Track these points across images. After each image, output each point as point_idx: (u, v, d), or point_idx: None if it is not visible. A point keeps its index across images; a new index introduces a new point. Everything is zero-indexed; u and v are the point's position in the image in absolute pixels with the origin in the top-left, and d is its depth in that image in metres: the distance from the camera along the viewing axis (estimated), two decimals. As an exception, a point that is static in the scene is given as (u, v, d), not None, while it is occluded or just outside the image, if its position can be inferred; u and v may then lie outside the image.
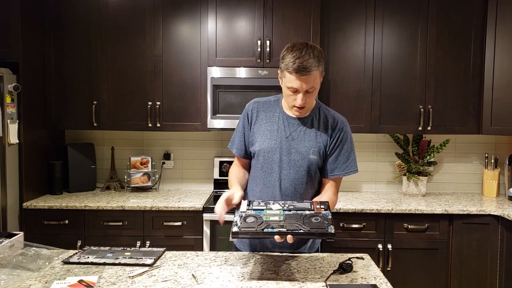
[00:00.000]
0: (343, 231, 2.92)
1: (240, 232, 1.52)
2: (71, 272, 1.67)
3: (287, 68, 1.70)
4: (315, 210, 1.62)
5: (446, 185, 3.55)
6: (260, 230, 1.51)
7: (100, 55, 3.16)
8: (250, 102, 1.97)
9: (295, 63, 1.67)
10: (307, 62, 1.67)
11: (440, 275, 2.95)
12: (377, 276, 1.67)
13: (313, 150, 1.83)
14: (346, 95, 3.19)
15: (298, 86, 1.71)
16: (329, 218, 1.57)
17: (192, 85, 3.17)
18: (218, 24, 3.07)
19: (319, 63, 1.71)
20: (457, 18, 3.15)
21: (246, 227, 1.53)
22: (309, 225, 1.53)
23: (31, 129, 3.01)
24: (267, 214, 1.60)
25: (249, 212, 1.62)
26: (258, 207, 1.65)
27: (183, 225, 2.93)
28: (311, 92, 1.74)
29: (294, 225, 1.53)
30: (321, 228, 1.52)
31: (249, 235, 1.53)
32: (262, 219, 1.57)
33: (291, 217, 1.58)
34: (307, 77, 1.68)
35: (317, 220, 1.56)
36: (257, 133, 1.89)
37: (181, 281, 1.60)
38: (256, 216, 1.59)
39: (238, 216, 1.60)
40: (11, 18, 2.87)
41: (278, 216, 1.59)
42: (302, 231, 1.51)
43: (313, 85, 1.72)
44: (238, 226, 1.54)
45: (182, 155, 3.56)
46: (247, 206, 1.66)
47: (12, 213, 2.86)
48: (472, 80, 3.17)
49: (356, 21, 3.16)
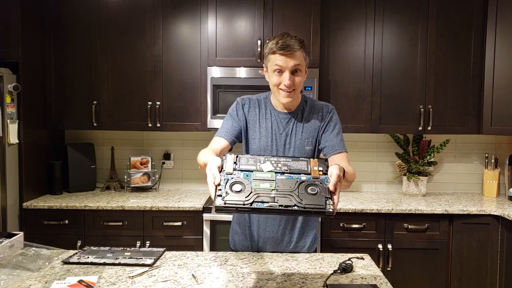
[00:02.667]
0: (343, 231, 2.92)
1: (225, 207, 1.27)
2: (71, 272, 1.67)
3: (271, 50, 1.74)
4: (312, 174, 1.38)
5: (446, 185, 3.55)
6: (248, 204, 1.28)
7: (100, 55, 3.16)
8: (240, 97, 1.93)
9: (278, 43, 1.72)
10: (289, 41, 1.72)
11: (440, 275, 2.95)
12: (377, 276, 1.66)
13: (307, 141, 1.86)
14: (346, 95, 3.19)
15: (282, 63, 1.72)
16: (327, 189, 1.33)
17: (192, 85, 3.17)
18: (218, 24, 3.07)
19: (302, 46, 1.75)
20: (457, 18, 3.15)
21: (232, 200, 1.28)
22: (304, 198, 1.30)
23: (31, 129, 3.01)
24: (257, 179, 1.35)
25: (236, 174, 1.36)
26: (246, 166, 1.39)
27: (183, 225, 2.93)
28: (297, 75, 1.75)
29: (287, 198, 1.30)
30: (319, 204, 1.29)
31: (235, 209, 1.29)
32: (250, 186, 1.32)
33: (284, 184, 1.34)
34: (291, 53, 1.71)
35: (313, 191, 1.32)
36: (252, 130, 1.89)
37: (181, 281, 1.60)
38: (244, 182, 1.33)
39: (223, 180, 1.34)
40: (11, 18, 2.87)
41: (270, 182, 1.34)
42: (296, 208, 1.28)
43: (298, 63, 1.74)
44: (223, 197, 1.29)
45: (182, 155, 3.56)
46: (233, 163, 1.40)
47: (12, 213, 2.86)
48: (472, 80, 3.17)
49: (356, 21, 3.16)
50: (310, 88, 3.02)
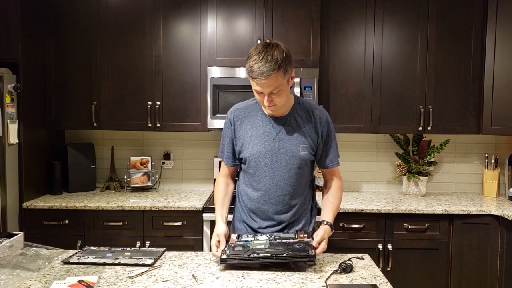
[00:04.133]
0: (343, 231, 2.92)
1: (228, 258, 1.70)
2: (71, 272, 1.67)
3: (248, 73, 1.75)
4: (298, 239, 1.79)
5: (446, 185, 3.55)
6: (246, 256, 1.68)
7: (100, 55, 3.16)
8: (230, 109, 1.98)
9: (253, 69, 1.70)
10: (264, 66, 1.69)
11: (440, 275, 2.95)
12: (377, 276, 1.66)
13: (302, 146, 1.87)
14: (346, 95, 3.19)
15: (259, 90, 1.75)
16: (310, 244, 1.73)
17: (192, 85, 3.17)
18: (218, 24, 3.07)
19: (279, 65, 1.70)
20: (457, 18, 3.15)
21: (234, 254, 1.71)
22: (292, 250, 1.70)
23: (31, 129, 3.01)
24: (254, 244, 1.77)
25: (238, 243, 1.80)
26: (246, 239, 1.83)
27: (183, 225, 2.93)
28: (277, 95, 1.76)
29: (278, 250, 1.69)
30: (303, 251, 1.68)
31: (236, 260, 1.69)
32: (249, 247, 1.74)
33: (276, 245, 1.75)
34: (266, 81, 1.71)
35: (299, 246, 1.72)
36: (244, 139, 1.91)
37: (181, 281, 1.60)
38: (244, 245, 1.76)
39: (227, 246, 1.77)
40: (11, 18, 2.87)
41: (264, 244, 1.76)
42: (285, 255, 1.67)
43: (275, 87, 1.73)
44: (227, 254, 1.71)
45: (182, 155, 3.56)
46: (236, 239, 1.84)
47: (12, 213, 2.86)
48: (472, 80, 3.17)
49: (356, 21, 3.16)
50: (310, 88, 3.02)
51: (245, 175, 1.97)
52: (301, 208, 1.96)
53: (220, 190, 2.01)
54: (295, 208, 1.93)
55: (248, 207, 1.97)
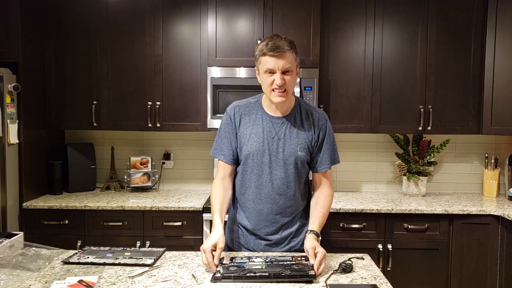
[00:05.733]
0: (343, 231, 2.92)
1: (222, 277, 1.58)
2: (71, 272, 1.67)
3: (261, 51, 1.77)
4: (296, 262, 1.70)
5: (446, 185, 3.55)
6: (242, 274, 1.58)
7: (100, 55, 3.16)
8: (230, 106, 1.97)
9: (268, 44, 1.75)
10: (279, 42, 1.75)
11: (440, 275, 2.95)
12: (377, 276, 1.66)
13: (300, 146, 1.87)
14: (346, 95, 3.19)
15: (273, 65, 1.75)
16: (309, 265, 1.65)
17: (192, 85, 3.17)
18: (218, 24, 3.07)
19: (292, 47, 1.77)
20: (457, 18, 3.15)
21: (229, 273, 1.60)
22: (290, 270, 1.61)
23: (31, 129, 3.01)
24: (250, 265, 1.67)
25: (232, 263, 1.69)
26: (241, 261, 1.72)
27: (183, 225, 2.93)
28: (288, 74, 1.77)
29: (276, 270, 1.60)
30: (303, 271, 1.60)
31: (231, 279, 1.57)
32: (244, 267, 1.64)
33: (273, 266, 1.66)
34: (281, 55, 1.74)
35: (298, 267, 1.64)
36: (243, 137, 1.90)
37: (181, 281, 1.60)
38: (239, 265, 1.66)
39: (220, 266, 1.66)
40: (11, 18, 2.87)
41: (261, 265, 1.67)
42: (283, 274, 1.58)
43: (289, 65, 1.76)
44: (221, 273, 1.60)
45: (182, 155, 3.56)
46: (230, 261, 1.71)
47: (12, 213, 2.86)
48: (472, 80, 3.17)
49: (356, 21, 3.16)
50: (310, 88, 3.02)
51: (241, 174, 1.94)
52: (297, 208, 1.95)
53: (217, 195, 1.88)
54: (291, 208, 1.92)
55: (243, 206, 1.95)
